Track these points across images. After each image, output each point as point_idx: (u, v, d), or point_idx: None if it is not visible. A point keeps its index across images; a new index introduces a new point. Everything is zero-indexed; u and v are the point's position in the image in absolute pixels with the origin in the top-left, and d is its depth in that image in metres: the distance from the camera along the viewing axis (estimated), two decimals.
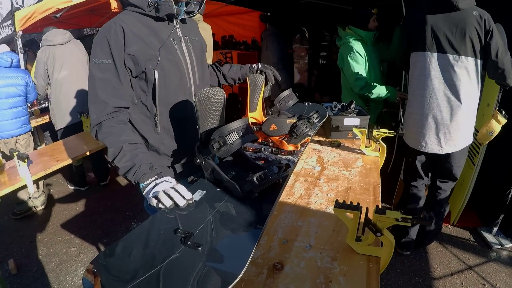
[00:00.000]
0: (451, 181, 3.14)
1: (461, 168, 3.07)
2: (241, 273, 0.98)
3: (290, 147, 1.88)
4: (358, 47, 3.57)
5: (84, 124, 4.18)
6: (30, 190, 3.05)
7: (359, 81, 3.53)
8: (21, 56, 5.43)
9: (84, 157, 3.88)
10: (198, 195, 1.40)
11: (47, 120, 5.39)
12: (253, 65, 2.18)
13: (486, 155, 3.31)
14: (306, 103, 2.58)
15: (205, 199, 1.38)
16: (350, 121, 2.57)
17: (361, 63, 3.57)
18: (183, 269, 1.00)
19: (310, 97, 5.64)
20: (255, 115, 2.02)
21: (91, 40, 1.73)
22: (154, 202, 1.34)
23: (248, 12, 6.73)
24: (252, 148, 1.90)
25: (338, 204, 1.22)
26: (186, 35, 1.83)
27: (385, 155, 2.31)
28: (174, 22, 1.75)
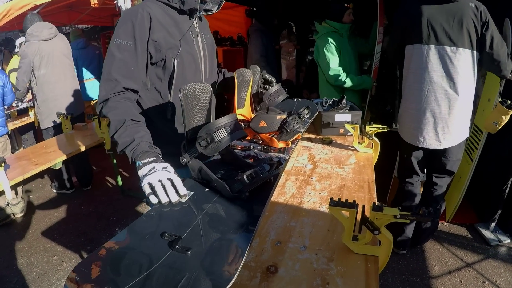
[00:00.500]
0: (448, 176, 3.14)
1: (458, 162, 3.07)
2: (234, 278, 0.96)
3: (281, 144, 1.85)
4: (333, 39, 3.72)
5: (64, 126, 4.12)
6: (8, 197, 3.00)
7: (334, 72, 3.70)
8: None
9: (67, 160, 3.82)
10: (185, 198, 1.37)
11: (25, 123, 5.31)
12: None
13: (482, 150, 3.32)
14: (296, 99, 2.57)
15: (193, 200, 1.35)
16: (342, 117, 2.56)
17: (336, 55, 3.72)
18: (171, 275, 0.96)
19: (299, 94, 5.62)
20: (243, 112, 1.99)
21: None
22: (147, 191, 1.33)
23: (234, 7, 6.69)
24: (241, 146, 1.87)
25: (333, 202, 1.20)
26: (202, 31, 1.96)
27: (379, 151, 2.31)
28: (194, 18, 1.87)
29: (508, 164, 3.38)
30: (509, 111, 2.67)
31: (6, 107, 4.66)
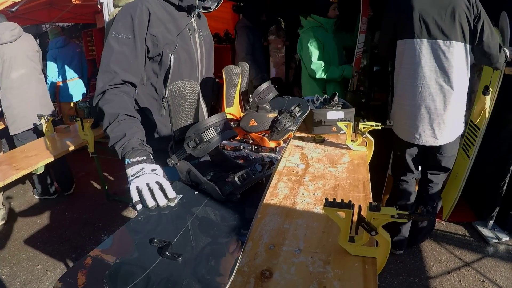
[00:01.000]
0: (443, 173, 3.16)
1: (454, 158, 3.09)
2: (228, 284, 0.95)
3: (272, 144, 1.85)
4: (317, 34, 3.87)
5: (45, 128, 4.07)
6: None
7: (315, 66, 3.84)
8: None
9: (48, 165, 3.78)
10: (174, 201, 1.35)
11: (3, 126, 5.25)
12: None
13: (479, 146, 3.33)
14: (286, 97, 2.57)
15: (182, 204, 1.33)
16: (334, 115, 2.56)
17: (319, 49, 3.85)
18: (162, 283, 0.95)
19: (289, 92, 5.62)
20: (232, 111, 1.99)
21: None
22: (134, 197, 1.33)
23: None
24: (231, 147, 1.87)
25: (328, 203, 1.19)
26: (199, 28, 2.00)
27: (373, 149, 2.31)
28: (192, 14, 1.91)
29: (506, 160, 3.40)
30: (485, 97, 2.76)
31: None
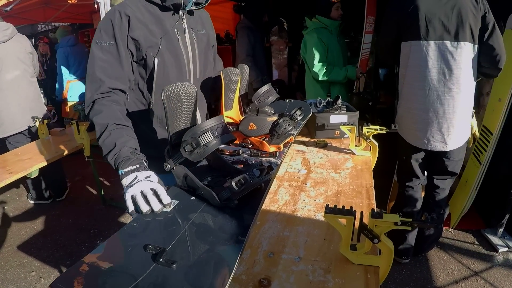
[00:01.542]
0: (450, 178, 3.14)
1: (461, 163, 3.08)
2: None
3: (272, 148, 1.84)
4: (321, 35, 3.88)
5: (40, 131, 4.08)
6: None
7: (319, 68, 3.86)
8: None
9: (42, 169, 3.78)
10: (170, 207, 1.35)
11: None
12: None
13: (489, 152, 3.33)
14: (288, 100, 2.56)
15: (178, 210, 1.33)
16: (337, 118, 2.56)
17: (323, 51, 3.86)
18: None
19: (292, 95, 5.62)
20: (231, 114, 1.99)
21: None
22: (130, 207, 1.34)
23: (221, 3, 6.70)
24: (229, 151, 1.86)
25: (329, 209, 1.20)
26: (192, 27, 1.95)
27: (377, 154, 2.30)
28: (181, 13, 1.86)
29: None
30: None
31: None
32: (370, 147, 2.31)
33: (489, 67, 2.70)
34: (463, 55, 2.66)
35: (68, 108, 6.46)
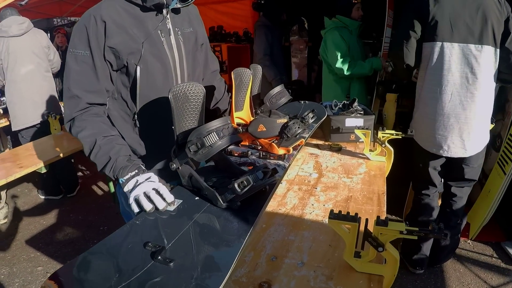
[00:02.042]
0: (468, 186, 3.10)
1: (479, 169, 3.03)
2: None
3: (281, 151, 1.84)
4: (343, 34, 3.86)
5: (52, 126, 4.15)
6: None
7: (343, 62, 3.80)
8: None
9: (53, 164, 3.84)
10: (174, 205, 1.38)
11: (8, 123, 5.34)
12: None
13: None
14: (302, 102, 2.55)
15: (181, 209, 1.36)
16: (353, 122, 2.56)
17: (345, 47, 3.84)
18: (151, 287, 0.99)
19: (311, 97, 5.60)
20: (242, 115, 1.99)
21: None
22: (135, 208, 1.39)
23: (239, 0, 6.72)
24: (238, 153, 1.87)
25: (333, 215, 1.21)
26: (178, 27, 1.82)
27: (392, 160, 2.30)
28: (164, 12, 1.73)
29: None
30: None
31: None
32: (386, 153, 2.30)
33: (508, 73, 2.66)
34: (486, 59, 2.61)
35: None
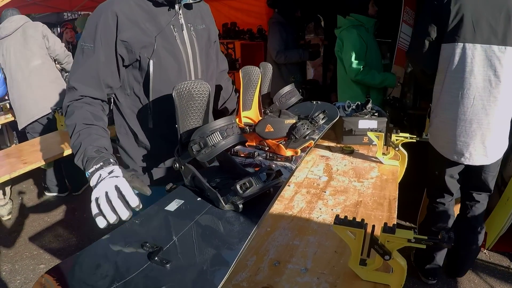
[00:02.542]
0: (486, 194, 3.05)
1: (496, 177, 2.99)
2: None
3: (289, 152, 1.83)
4: (360, 33, 3.83)
5: (59, 122, 4.17)
6: None
7: (357, 66, 3.78)
8: None
9: (59, 161, 3.86)
10: (175, 205, 1.37)
11: (13, 119, 5.39)
12: None
13: None
14: (315, 102, 2.53)
15: (182, 210, 1.35)
16: (366, 124, 2.54)
17: (361, 49, 3.81)
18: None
19: (326, 97, 5.58)
20: (250, 114, 1.97)
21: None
22: (93, 208, 1.25)
23: None
24: (244, 153, 1.86)
25: (339, 220, 1.20)
26: (190, 22, 1.84)
27: (406, 164, 2.28)
28: (176, 8, 1.76)
29: None
30: None
31: None
32: (399, 157, 2.28)
33: None
34: (510, 61, 2.55)
35: None
